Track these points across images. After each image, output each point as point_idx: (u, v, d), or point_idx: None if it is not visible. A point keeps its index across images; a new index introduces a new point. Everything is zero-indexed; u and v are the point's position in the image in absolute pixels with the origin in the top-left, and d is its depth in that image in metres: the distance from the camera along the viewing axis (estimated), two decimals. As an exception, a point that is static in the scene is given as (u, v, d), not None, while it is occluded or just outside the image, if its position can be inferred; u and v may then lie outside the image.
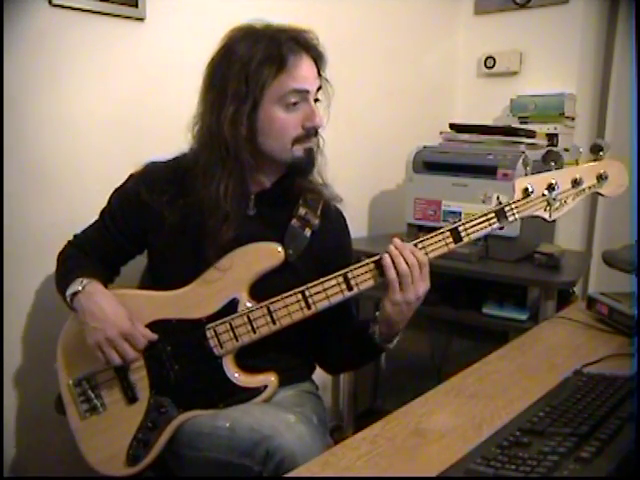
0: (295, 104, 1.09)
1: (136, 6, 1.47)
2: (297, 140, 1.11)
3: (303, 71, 1.09)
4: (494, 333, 1.85)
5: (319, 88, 1.14)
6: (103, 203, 1.26)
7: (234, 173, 1.10)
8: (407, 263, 1.03)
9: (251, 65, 1.06)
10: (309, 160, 1.14)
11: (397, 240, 1.06)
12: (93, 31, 1.42)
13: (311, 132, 1.12)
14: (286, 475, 0.81)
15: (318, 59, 1.13)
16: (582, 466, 0.65)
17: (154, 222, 1.17)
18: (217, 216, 1.09)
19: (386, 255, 1.05)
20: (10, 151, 1.32)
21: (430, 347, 2.18)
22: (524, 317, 1.74)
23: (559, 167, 1.12)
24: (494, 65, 2.49)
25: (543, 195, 1.09)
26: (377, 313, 1.11)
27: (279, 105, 1.08)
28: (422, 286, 1.05)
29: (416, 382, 2.02)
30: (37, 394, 1.42)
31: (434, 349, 2.17)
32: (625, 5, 2.28)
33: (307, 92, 1.10)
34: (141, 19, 1.50)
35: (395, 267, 1.04)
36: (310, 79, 1.10)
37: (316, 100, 1.14)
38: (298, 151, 1.11)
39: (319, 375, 1.35)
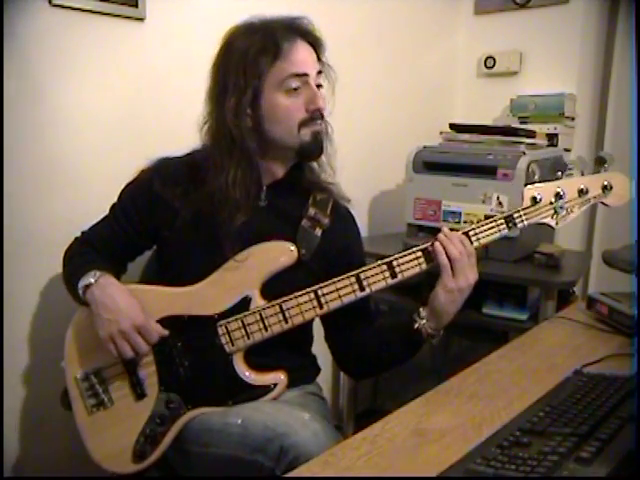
0: (296, 89, 1.10)
1: (136, 6, 1.47)
2: (303, 124, 1.12)
3: (300, 55, 1.11)
4: (494, 333, 1.85)
5: (320, 72, 1.14)
6: (103, 203, 1.25)
7: (242, 163, 1.11)
8: (458, 250, 1.06)
9: (248, 56, 1.09)
10: (317, 144, 1.15)
11: (446, 229, 1.09)
12: (93, 31, 1.42)
13: (316, 115, 1.13)
14: (287, 475, 0.81)
15: (315, 44, 1.15)
16: (582, 466, 0.65)
17: (167, 215, 1.17)
18: (228, 206, 1.11)
19: (437, 242, 1.07)
20: (10, 151, 1.32)
21: (430, 347, 2.18)
22: (524, 317, 1.73)
23: (566, 177, 1.16)
24: (494, 65, 2.49)
25: (550, 203, 1.12)
26: (420, 309, 1.12)
27: (280, 91, 1.10)
28: (472, 274, 1.08)
29: (416, 382, 2.01)
30: (40, 394, 1.42)
31: (434, 349, 2.16)
32: (625, 5, 2.27)
33: (306, 75, 1.11)
34: (141, 19, 1.50)
35: (447, 253, 1.06)
36: (308, 63, 1.12)
37: (319, 86, 1.14)
38: (305, 135, 1.13)
39: (319, 375, 1.35)
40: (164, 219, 1.18)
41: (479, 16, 2.55)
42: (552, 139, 2.20)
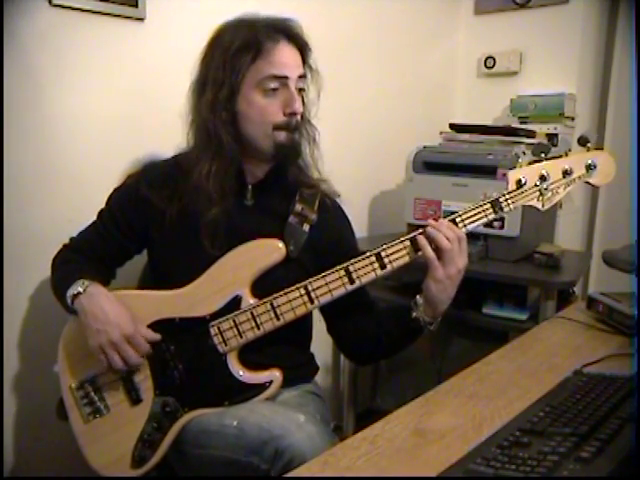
0: (274, 90, 1.10)
1: (136, 6, 1.47)
2: (278, 127, 1.11)
3: (282, 57, 1.10)
4: (494, 333, 1.85)
5: (303, 76, 1.13)
6: (102, 202, 1.26)
7: (216, 156, 1.12)
8: (448, 239, 1.05)
9: (229, 52, 1.09)
10: (292, 146, 1.13)
11: (432, 221, 1.08)
12: (93, 31, 1.42)
13: (292, 119, 1.12)
14: (286, 475, 0.81)
15: (301, 47, 1.14)
16: (582, 466, 0.65)
17: (155, 217, 1.17)
18: (202, 200, 1.12)
19: (420, 236, 1.07)
20: (10, 151, 1.32)
21: (430, 347, 2.18)
22: (524, 317, 1.74)
23: (549, 159, 1.15)
24: (494, 65, 2.49)
25: (535, 185, 1.12)
26: (417, 297, 1.13)
27: (258, 91, 1.10)
28: (462, 259, 1.07)
29: (416, 382, 2.02)
30: (37, 397, 1.42)
31: (434, 349, 2.17)
32: (625, 5, 2.28)
33: (286, 78, 1.10)
34: (141, 19, 1.50)
35: (436, 244, 1.05)
36: (290, 65, 1.11)
37: (300, 89, 1.13)
38: (279, 137, 1.12)
39: (319, 375, 1.35)
40: (152, 222, 1.18)
41: (479, 16, 2.56)
42: (552, 139, 2.20)
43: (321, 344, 1.33)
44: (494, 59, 2.48)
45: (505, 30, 2.48)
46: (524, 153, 1.79)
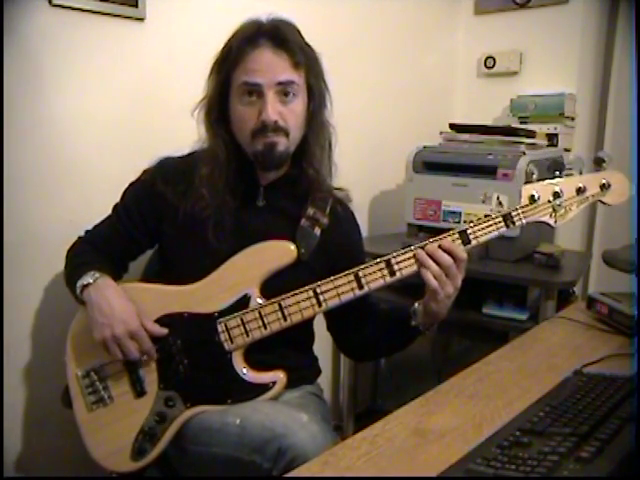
0: (250, 97, 1.10)
1: (136, 6, 1.47)
2: (255, 134, 1.11)
3: (255, 64, 1.09)
4: (494, 333, 1.85)
5: (288, 82, 1.10)
6: (104, 203, 1.26)
7: (210, 161, 1.15)
8: (439, 264, 1.05)
9: (217, 61, 1.14)
10: (269, 154, 1.12)
11: (422, 252, 1.07)
12: (93, 31, 1.42)
13: (267, 126, 1.10)
14: (286, 475, 0.81)
15: (289, 49, 1.10)
16: (582, 466, 0.65)
17: (169, 213, 1.19)
18: (199, 201, 1.15)
19: (421, 268, 1.07)
20: (10, 151, 1.32)
21: (430, 347, 2.18)
22: (524, 317, 1.74)
23: (563, 176, 1.15)
24: (494, 65, 2.49)
25: (548, 202, 1.12)
26: (416, 305, 1.15)
27: (237, 98, 1.12)
28: (459, 279, 1.08)
29: (416, 382, 2.01)
30: (41, 392, 1.42)
31: (434, 349, 2.17)
32: (625, 5, 2.28)
33: (258, 85, 1.09)
34: (141, 19, 1.50)
35: (430, 271, 1.06)
36: (264, 72, 1.09)
37: (287, 94, 1.10)
38: (258, 144, 1.12)
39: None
40: (166, 217, 1.20)
41: (479, 16, 2.56)
42: (552, 139, 2.20)
43: (321, 344, 1.33)
44: (494, 59, 2.48)
45: (505, 30, 2.48)
46: (524, 153, 1.79)
